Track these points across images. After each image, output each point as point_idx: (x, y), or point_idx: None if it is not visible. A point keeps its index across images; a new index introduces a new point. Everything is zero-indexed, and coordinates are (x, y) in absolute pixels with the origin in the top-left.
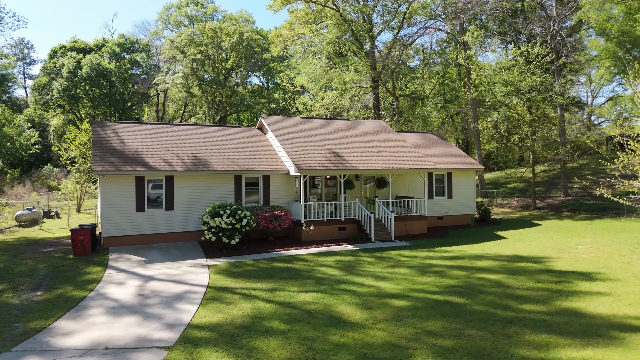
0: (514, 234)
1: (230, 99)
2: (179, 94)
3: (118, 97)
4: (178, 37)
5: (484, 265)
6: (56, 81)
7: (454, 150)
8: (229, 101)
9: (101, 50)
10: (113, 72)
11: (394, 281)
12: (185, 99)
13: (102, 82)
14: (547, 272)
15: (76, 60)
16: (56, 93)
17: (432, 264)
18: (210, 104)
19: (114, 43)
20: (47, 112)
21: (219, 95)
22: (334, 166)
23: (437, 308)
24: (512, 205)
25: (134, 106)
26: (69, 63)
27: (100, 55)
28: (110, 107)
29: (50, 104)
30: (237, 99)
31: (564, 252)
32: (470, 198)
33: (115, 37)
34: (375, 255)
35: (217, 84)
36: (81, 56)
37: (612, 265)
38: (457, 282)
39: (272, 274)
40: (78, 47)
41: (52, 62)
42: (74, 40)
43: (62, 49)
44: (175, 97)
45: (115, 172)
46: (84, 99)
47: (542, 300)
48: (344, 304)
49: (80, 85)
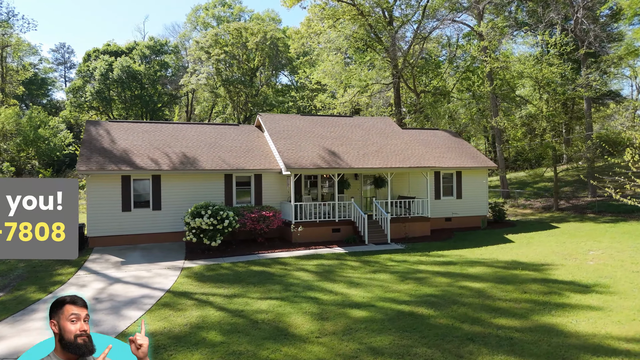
0: (524, 238)
1: (254, 98)
2: (204, 94)
3: (148, 99)
4: (203, 38)
5: (474, 272)
6: (90, 84)
7: (465, 147)
8: (253, 101)
9: (132, 53)
10: (143, 74)
11: (366, 288)
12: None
13: (133, 84)
14: (541, 281)
15: (108, 63)
16: (89, 95)
17: (419, 270)
18: (236, 104)
19: (144, 45)
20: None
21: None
22: (327, 165)
23: (397, 320)
24: (534, 206)
25: (164, 107)
26: (101, 66)
27: (130, 58)
28: (142, 108)
29: (85, 106)
30: (260, 98)
31: (571, 258)
32: (481, 198)
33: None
34: (363, 259)
35: (241, 84)
36: (113, 59)
37: (618, 275)
38: (435, 290)
39: (243, 278)
40: (110, 51)
41: (86, 65)
42: (107, 44)
43: (95, 53)
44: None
45: (100, 171)
46: (116, 100)
47: (521, 314)
48: (299, 314)
49: (112, 87)
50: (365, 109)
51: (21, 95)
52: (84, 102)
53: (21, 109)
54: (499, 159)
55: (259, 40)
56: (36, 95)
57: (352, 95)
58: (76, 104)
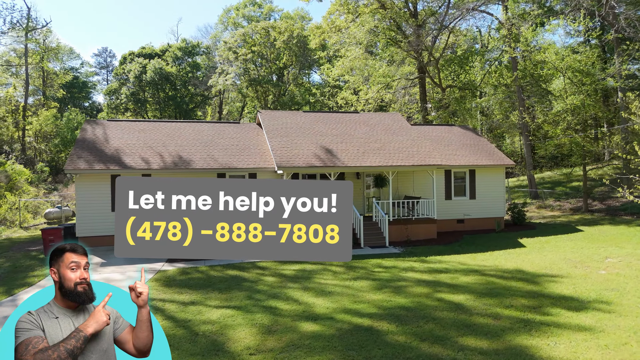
0: (538, 242)
1: (282, 97)
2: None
3: (179, 100)
4: (231, 38)
5: (464, 282)
6: (125, 86)
7: (482, 144)
8: (280, 100)
9: (165, 55)
10: (175, 76)
11: (335, 298)
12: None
13: (166, 85)
14: (534, 294)
15: (142, 65)
16: (124, 97)
17: (404, 278)
18: (263, 104)
19: (176, 47)
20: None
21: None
22: (321, 164)
23: (349, 336)
24: (564, 207)
25: (196, 108)
26: (135, 68)
27: (163, 60)
28: (175, 109)
29: (120, 108)
30: (287, 97)
31: (582, 266)
32: (497, 199)
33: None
34: (350, 264)
35: (268, 83)
36: (147, 61)
37: (628, 287)
38: (410, 301)
39: (212, 284)
40: (145, 53)
41: (122, 68)
42: (143, 47)
43: (131, 55)
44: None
45: (87, 170)
46: (150, 102)
47: (494, 333)
48: (247, 326)
49: (146, 89)
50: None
51: (62, 98)
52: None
53: (63, 112)
54: (526, 156)
55: (286, 38)
56: (77, 98)
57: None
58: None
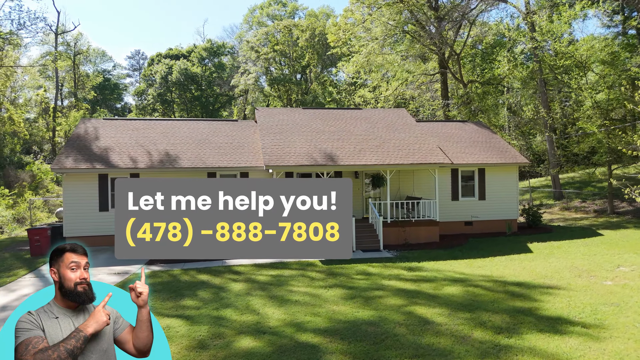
0: (549, 247)
1: (304, 96)
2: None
3: (204, 100)
4: (254, 37)
5: (444, 293)
6: (152, 87)
7: (495, 142)
8: (302, 99)
9: (191, 56)
10: (200, 76)
11: (296, 308)
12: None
13: (193, 86)
14: (517, 310)
15: (168, 66)
16: (151, 98)
17: (383, 286)
18: (286, 102)
19: (201, 48)
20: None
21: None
22: (312, 162)
23: (285, 357)
24: (589, 209)
25: (221, 108)
26: (161, 69)
27: (189, 61)
28: (201, 110)
29: (148, 109)
30: (309, 96)
31: (588, 276)
32: (509, 199)
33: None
34: (332, 269)
35: (290, 82)
36: (173, 62)
37: (631, 302)
38: (374, 315)
39: (177, 289)
40: (171, 55)
41: (150, 69)
42: (170, 48)
43: (158, 57)
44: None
45: (73, 169)
46: (177, 102)
47: (450, 359)
48: (184, 339)
49: (173, 90)
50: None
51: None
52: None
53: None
54: (549, 154)
55: (308, 37)
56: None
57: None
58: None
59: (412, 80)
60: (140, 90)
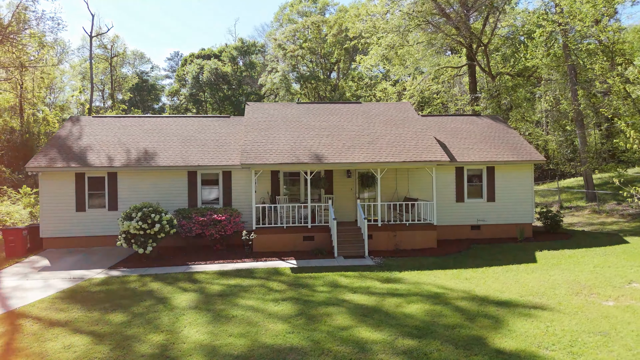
0: (558, 257)
1: (332, 93)
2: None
3: (234, 99)
4: (281, 35)
5: (404, 312)
6: (184, 87)
7: (509, 137)
8: (329, 96)
9: (222, 55)
10: (231, 75)
11: (227, 327)
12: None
13: (224, 85)
14: (474, 340)
15: (200, 66)
16: (183, 98)
17: (342, 302)
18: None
19: (232, 47)
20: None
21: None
22: (294, 160)
23: None
24: (625, 212)
25: None
26: (193, 69)
27: (220, 60)
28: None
29: (181, 108)
30: (337, 94)
31: (588, 293)
32: (523, 201)
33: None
34: (299, 279)
35: (316, 79)
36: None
37: (624, 331)
38: (308, 338)
39: (115, 299)
40: (204, 55)
41: (182, 70)
42: (202, 48)
43: (191, 57)
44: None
45: (49, 168)
46: (209, 101)
47: None
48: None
49: (205, 89)
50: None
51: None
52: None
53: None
54: (581, 150)
55: (335, 32)
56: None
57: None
58: (174, 107)
59: (438, 74)
60: (174, 91)
